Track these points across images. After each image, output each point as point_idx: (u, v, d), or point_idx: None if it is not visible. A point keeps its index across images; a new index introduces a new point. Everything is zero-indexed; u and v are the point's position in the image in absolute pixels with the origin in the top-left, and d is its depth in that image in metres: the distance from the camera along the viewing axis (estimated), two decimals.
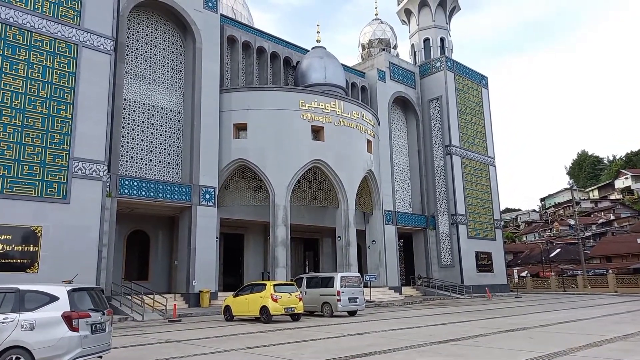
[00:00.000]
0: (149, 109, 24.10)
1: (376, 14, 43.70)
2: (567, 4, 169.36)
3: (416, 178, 37.37)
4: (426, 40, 41.95)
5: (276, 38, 31.80)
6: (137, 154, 23.39)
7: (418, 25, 42.56)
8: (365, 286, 24.28)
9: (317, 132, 27.00)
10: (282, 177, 25.50)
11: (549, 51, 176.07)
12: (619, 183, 77.57)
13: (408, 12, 43.65)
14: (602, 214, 71.19)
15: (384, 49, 40.09)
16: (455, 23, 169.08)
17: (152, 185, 22.54)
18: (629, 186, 74.34)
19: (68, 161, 18.99)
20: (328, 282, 19.22)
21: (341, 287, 18.64)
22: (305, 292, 19.40)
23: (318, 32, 33.06)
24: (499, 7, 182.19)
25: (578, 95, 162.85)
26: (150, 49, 24.75)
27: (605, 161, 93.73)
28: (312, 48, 32.30)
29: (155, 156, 23.98)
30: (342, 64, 32.99)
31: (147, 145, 23.75)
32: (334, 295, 18.56)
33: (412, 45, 43.07)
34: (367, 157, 29.39)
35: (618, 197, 75.96)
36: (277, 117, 26.08)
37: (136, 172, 23.11)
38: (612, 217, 66.70)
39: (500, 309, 21.68)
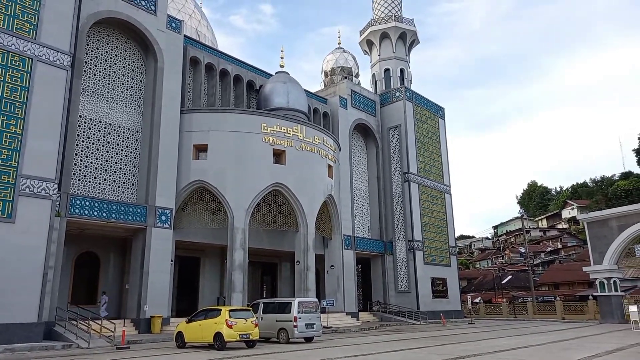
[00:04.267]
0: (105, 127, 23.47)
1: (339, 43, 44.78)
2: (520, 43, 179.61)
3: (375, 204, 37.87)
4: (387, 70, 43.33)
5: (240, 61, 31.93)
6: (90, 172, 22.61)
7: (379, 55, 43.95)
8: (323, 312, 24.13)
9: (278, 156, 27.04)
10: (242, 199, 25.25)
11: (502, 85, 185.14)
12: (566, 213, 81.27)
13: (370, 43, 45.03)
14: (550, 242, 74.27)
15: (346, 77, 40.99)
16: (414, 56, 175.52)
17: (104, 205, 21.76)
18: (575, 216, 78.14)
19: (15, 178, 18.07)
20: (285, 308, 18.96)
21: (298, 312, 18.43)
22: (262, 318, 19.05)
23: (282, 58, 33.47)
24: (455, 43, 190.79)
25: (528, 129, 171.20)
26: (110, 66, 24.27)
27: (553, 192, 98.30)
28: (276, 73, 32.61)
29: (110, 175, 23.26)
30: (305, 90, 33.41)
31: (101, 164, 23.02)
32: (291, 321, 18.31)
33: (373, 75, 44.32)
34: (328, 182, 29.62)
35: (565, 226, 79.50)
36: (239, 139, 25.98)
37: (89, 191, 22.30)
38: (560, 246, 69.65)
39: (454, 335, 22.01)
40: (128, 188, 23.77)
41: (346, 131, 35.86)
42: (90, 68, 23.47)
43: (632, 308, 25.23)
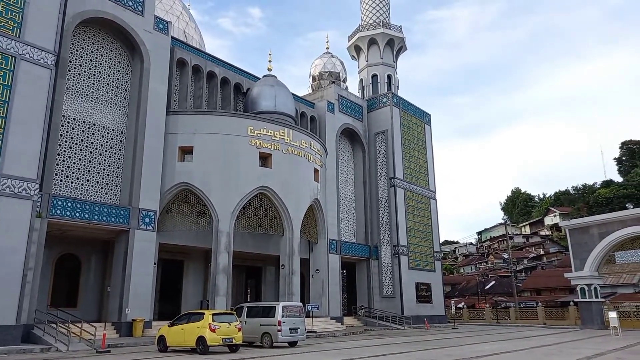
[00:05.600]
0: (89, 127, 23.17)
1: (327, 48, 44.94)
2: (504, 52, 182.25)
3: (361, 208, 37.97)
4: (374, 76, 43.56)
5: (227, 64, 31.83)
6: (73, 173, 22.28)
7: (367, 61, 44.18)
8: (308, 316, 24.06)
9: (265, 159, 26.98)
10: (227, 202, 25.11)
11: (487, 93, 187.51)
12: (548, 220, 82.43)
13: (358, 49, 45.25)
14: (533, 248, 75.21)
15: (333, 82, 41.13)
16: (401, 62, 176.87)
17: (87, 207, 21.45)
18: (557, 223, 79.29)
19: None
20: (269, 312, 18.88)
21: (282, 317, 18.35)
22: (245, 322, 18.93)
23: (270, 61, 33.48)
24: (441, 51, 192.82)
25: (512, 136, 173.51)
26: (95, 66, 24.00)
27: (536, 199, 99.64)
28: (264, 76, 32.59)
29: (93, 176, 22.95)
30: (293, 94, 33.43)
31: (84, 165, 22.71)
32: (275, 325, 18.22)
33: (361, 80, 44.53)
34: (314, 186, 29.62)
35: (547, 233, 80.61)
36: (225, 142, 25.86)
37: (71, 192, 21.96)
38: (542, 252, 70.57)
39: (438, 340, 22.11)
40: (111, 189, 23.48)
41: (333, 135, 35.95)
42: (75, 67, 23.18)
43: (612, 314, 25.65)
